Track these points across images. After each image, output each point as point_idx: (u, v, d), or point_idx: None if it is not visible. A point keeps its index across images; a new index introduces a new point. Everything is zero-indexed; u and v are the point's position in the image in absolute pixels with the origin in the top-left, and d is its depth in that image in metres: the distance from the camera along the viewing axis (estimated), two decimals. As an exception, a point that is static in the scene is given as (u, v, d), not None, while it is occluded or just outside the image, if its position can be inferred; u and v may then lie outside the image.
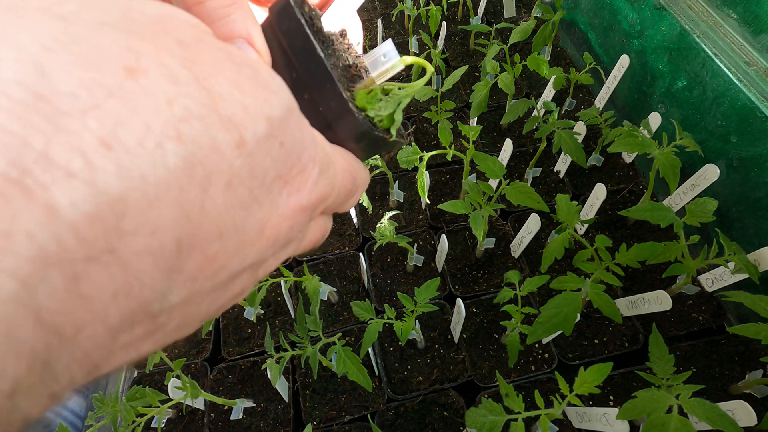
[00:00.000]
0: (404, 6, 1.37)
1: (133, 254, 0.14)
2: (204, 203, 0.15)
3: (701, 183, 0.91)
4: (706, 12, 1.03)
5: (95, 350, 0.14)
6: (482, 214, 0.89)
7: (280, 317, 1.08)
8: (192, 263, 0.16)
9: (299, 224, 0.20)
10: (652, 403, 0.61)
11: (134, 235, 0.14)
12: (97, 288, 0.13)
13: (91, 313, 0.13)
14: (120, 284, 0.14)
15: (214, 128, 0.16)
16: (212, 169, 0.15)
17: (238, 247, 0.17)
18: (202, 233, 0.15)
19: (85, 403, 1.00)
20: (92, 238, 0.13)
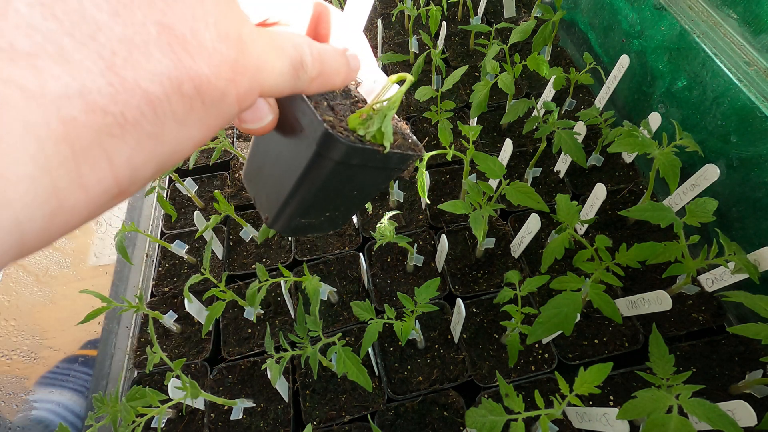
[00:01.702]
0: (404, 6, 1.37)
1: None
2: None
3: (701, 183, 0.91)
4: (706, 12, 1.03)
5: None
6: (482, 214, 0.89)
7: (280, 317, 1.08)
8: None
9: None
10: (652, 403, 0.61)
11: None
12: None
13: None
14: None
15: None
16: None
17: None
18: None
19: (85, 403, 1.00)
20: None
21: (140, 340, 1.09)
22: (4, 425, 0.85)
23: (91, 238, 1.16)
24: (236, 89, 0.20)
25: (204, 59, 0.18)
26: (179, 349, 1.06)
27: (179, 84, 0.18)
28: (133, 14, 0.16)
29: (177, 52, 0.18)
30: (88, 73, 0.15)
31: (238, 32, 0.20)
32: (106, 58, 0.16)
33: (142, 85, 0.17)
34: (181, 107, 0.18)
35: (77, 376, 1.02)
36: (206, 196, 1.32)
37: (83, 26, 0.15)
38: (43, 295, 0.99)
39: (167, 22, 0.17)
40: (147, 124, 0.17)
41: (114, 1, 0.16)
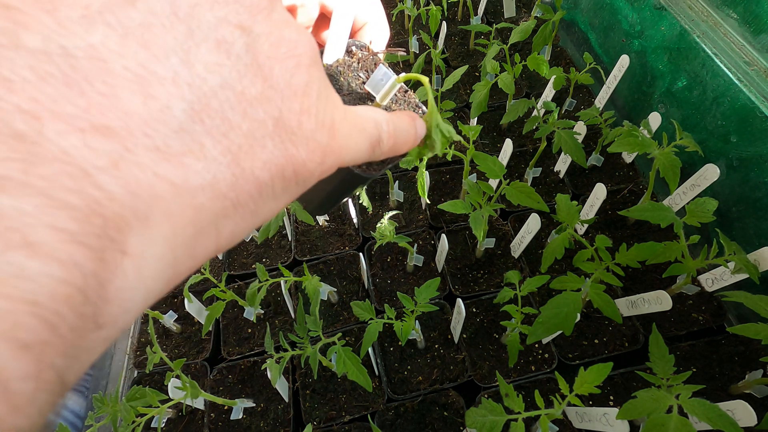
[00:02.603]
0: (404, 6, 1.37)
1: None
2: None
3: (701, 183, 0.91)
4: (706, 12, 1.03)
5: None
6: (482, 214, 0.89)
7: (280, 317, 1.08)
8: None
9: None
10: (652, 403, 0.61)
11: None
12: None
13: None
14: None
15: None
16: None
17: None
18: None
19: (85, 403, 1.00)
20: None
21: (140, 340, 1.09)
22: (4, 425, 0.85)
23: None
24: (322, 168, 0.23)
25: (303, 147, 0.21)
26: (179, 349, 1.06)
27: (283, 170, 0.21)
28: (256, 112, 0.19)
29: (285, 143, 0.20)
30: (218, 166, 0.18)
31: (332, 119, 0.23)
32: (233, 152, 0.18)
33: (255, 174, 0.19)
34: (280, 188, 0.21)
35: (77, 376, 1.02)
36: (206, 196, 1.32)
37: (221, 126, 0.18)
38: (43, 295, 0.99)
39: (281, 117, 0.20)
40: (252, 204, 0.20)
41: (245, 102, 0.19)
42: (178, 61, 0.17)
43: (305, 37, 0.22)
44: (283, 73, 0.20)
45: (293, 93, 0.21)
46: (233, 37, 0.19)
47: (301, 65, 0.21)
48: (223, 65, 0.18)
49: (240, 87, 0.19)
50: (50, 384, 0.13)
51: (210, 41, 0.18)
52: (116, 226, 0.15)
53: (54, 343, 0.13)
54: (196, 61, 0.18)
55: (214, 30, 0.18)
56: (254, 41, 0.20)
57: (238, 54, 0.19)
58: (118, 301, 0.15)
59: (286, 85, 0.20)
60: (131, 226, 0.15)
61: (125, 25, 0.16)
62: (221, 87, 0.18)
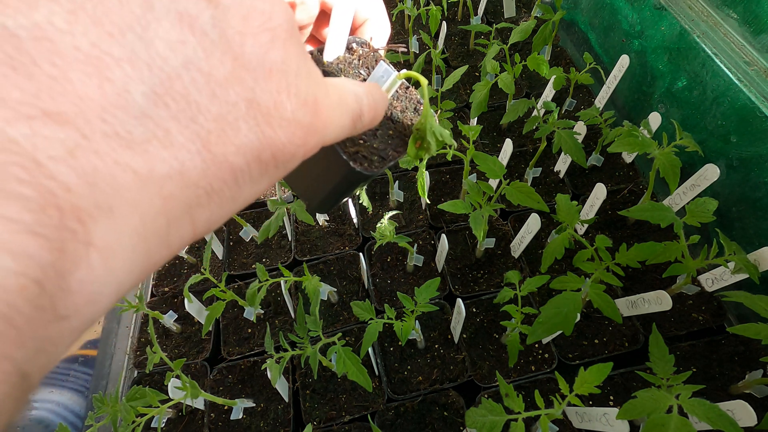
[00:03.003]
0: (404, 6, 1.37)
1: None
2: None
3: (701, 183, 0.91)
4: (706, 12, 1.03)
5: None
6: (482, 214, 0.89)
7: (280, 317, 1.08)
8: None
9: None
10: (652, 403, 0.61)
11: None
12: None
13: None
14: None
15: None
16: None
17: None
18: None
19: (85, 403, 1.00)
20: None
21: (140, 340, 1.09)
22: (4, 425, 0.85)
23: (91, 238, 1.16)
24: (305, 149, 0.22)
25: (283, 129, 0.20)
26: (179, 349, 1.06)
27: (259, 153, 0.19)
28: (227, 94, 0.18)
29: (261, 125, 0.19)
30: (187, 152, 0.17)
31: (315, 96, 0.22)
32: (202, 137, 0.17)
33: (229, 159, 0.18)
34: (257, 172, 0.20)
35: (77, 375, 1.02)
36: (206, 196, 1.32)
37: (187, 110, 0.17)
38: (43, 295, 0.99)
39: (255, 98, 0.19)
40: (228, 190, 0.19)
41: (213, 83, 0.18)
42: (136, 38, 0.16)
43: (280, 7, 0.20)
44: (256, 49, 0.19)
45: (268, 71, 0.19)
46: (198, 9, 0.17)
47: (276, 39, 0.20)
48: (187, 42, 0.17)
49: (207, 66, 0.17)
50: (8, 376, 0.13)
51: (171, 15, 0.17)
52: (76, 217, 0.14)
53: (8, 335, 0.13)
54: (156, 38, 0.16)
55: (176, 2, 0.17)
56: (222, 14, 0.18)
57: (204, 29, 0.18)
58: (83, 292, 0.15)
59: (260, 62, 0.19)
60: (94, 217, 0.15)
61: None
62: (185, 67, 0.17)
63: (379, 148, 0.32)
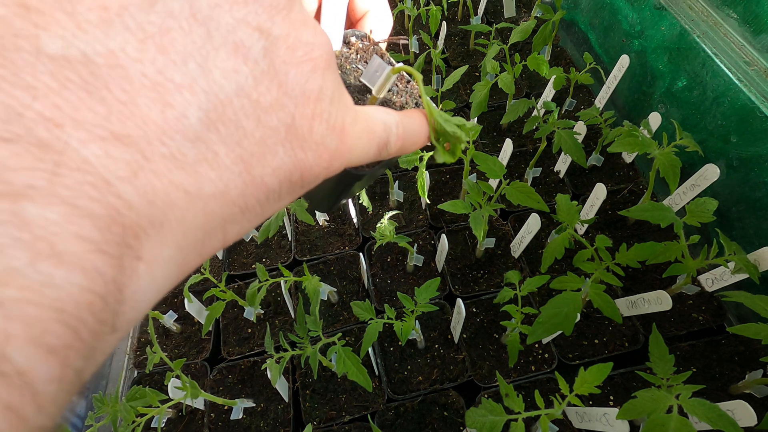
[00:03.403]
0: (404, 6, 1.37)
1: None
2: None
3: (701, 183, 0.91)
4: (706, 12, 1.03)
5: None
6: (482, 214, 0.89)
7: (280, 317, 1.08)
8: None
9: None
10: (652, 403, 0.61)
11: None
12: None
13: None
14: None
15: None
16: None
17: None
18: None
19: (85, 403, 1.00)
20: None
21: (140, 340, 1.09)
22: (4, 425, 0.85)
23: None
24: (328, 171, 0.23)
25: (312, 152, 0.21)
26: (179, 349, 1.06)
27: (290, 175, 0.21)
28: (270, 119, 0.19)
29: (295, 149, 0.20)
30: (230, 174, 0.18)
31: (343, 122, 0.23)
32: (245, 161, 0.19)
33: (264, 180, 0.20)
34: (286, 191, 0.21)
35: (77, 376, 1.02)
36: (206, 196, 1.32)
37: (235, 134, 0.18)
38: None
39: (294, 123, 0.20)
40: (259, 208, 0.20)
41: (260, 109, 0.19)
42: (196, 66, 0.17)
43: (321, 39, 0.22)
44: (299, 78, 0.20)
45: (307, 99, 0.21)
46: (251, 40, 0.19)
47: (316, 69, 0.21)
48: (240, 71, 0.18)
49: (255, 94, 0.19)
50: (70, 384, 0.14)
51: (228, 45, 0.18)
52: (133, 234, 0.15)
53: (76, 347, 0.14)
54: (214, 67, 0.18)
55: (232, 33, 0.18)
56: (272, 45, 0.19)
57: (256, 59, 0.19)
58: (131, 303, 0.16)
59: (301, 90, 0.20)
60: (147, 232, 0.16)
61: (144, 28, 0.16)
62: (237, 94, 0.18)
63: None
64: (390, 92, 0.34)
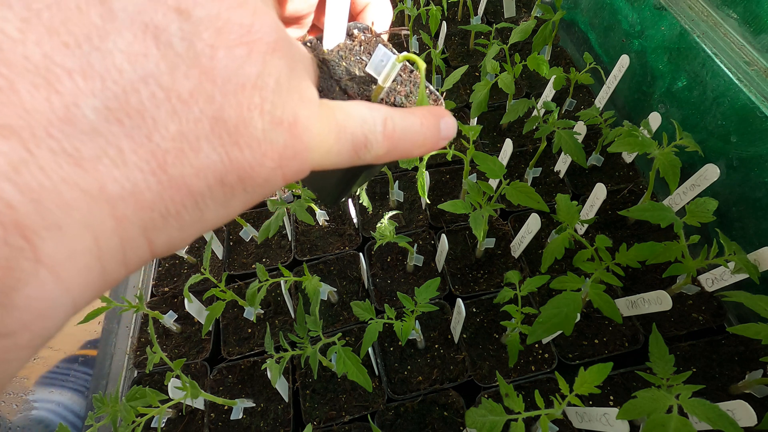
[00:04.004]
0: (404, 6, 1.37)
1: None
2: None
3: (701, 183, 0.91)
4: (706, 12, 1.03)
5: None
6: (482, 214, 0.89)
7: (280, 317, 1.08)
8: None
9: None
10: (652, 403, 0.61)
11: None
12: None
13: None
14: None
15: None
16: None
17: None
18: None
19: (85, 403, 1.00)
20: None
21: (140, 340, 1.09)
22: (4, 425, 0.85)
23: (91, 238, 1.16)
24: (282, 172, 0.20)
25: (251, 149, 0.19)
26: (179, 349, 1.06)
27: (222, 176, 0.18)
28: (190, 110, 0.17)
29: (225, 146, 0.18)
30: (141, 173, 0.16)
31: (294, 115, 0.20)
32: (158, 158, 0.16)
33: (187, 182, 0.17)
34: (222, 195, 0.19)
35: (77, 375, 1.02)
36: (206, 196, 1.32)
37: (142, 127, 0.16)
38: (43, 295, 0.98)
39: (222, 115, 0.18)
40: (187, 214, 0.18)
41: (175, 98, 0.17)
42: (92, 49, 0.15)
43: (264, 20, 0.19)
44: (228, 63, 0.18)
45: (239, 86, 0.18)
46: (166, 21, 0.16)
47: (253, 53, 0.18)
48: (149, 55, 0.16)
49: (169, 81, 0.16)
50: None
51: (135, 26, 0.16)
52: (20, 234, 0.14)
53: None
54: (115, 50, 0.15)
55: (142, 13, 0.16)
56: (193, 26, 0.17)
57: (170, 41, 0.16)
58: (31, 308, 0.14)
59: (231, 76, 0.18)
60: (40, 234, 0.14)
61: (29, 6, 0.14)
62: (144, 81, 0.16)
63: None
64: (394, 82, 0.34)
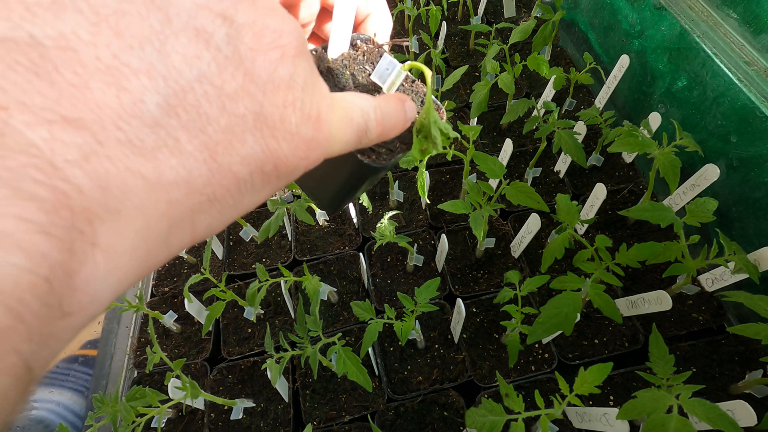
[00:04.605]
0: (404, 6, 1.37)
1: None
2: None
3: (701, 183, 0.91)
4: (706, 12, 1.03)
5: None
6: (482, 214, 0.89)
7: (280, 317, 1.08)
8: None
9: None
10: (652, 403, 0.61)
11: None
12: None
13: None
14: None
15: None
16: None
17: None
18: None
19: (85, 403, 1.00)
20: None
21: (140, 340, 1.09)
22: (4, 425, 0.85)
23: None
24: (306, 162, 0.22)
25: (286, 141, 0.21)
26: (179, 349, 1.06)
27: (262, 165, 0.20)
28: (236, 107, 0.19)
29: (266, 138, 0.20)
30: (195, 161, 0.18)
31: (318, 110, 0.22)
32: (210, 148, 0.18)
33: (233, 169, 0.19)
34: (260, 182, 0.21)
35: (77, 375, 1.02)
36: (206, 196, 1.32)
37: (197, 120, 0.18)
38: (43, 295, 0.98)
39: (262, 111, 0.20)
40: (230, 198, 0.20)
41: (224, 96, 0.18)
42: (154, 51, 0.17)
43: (291, 26, 0.21)
44: (266, 66, 0.20)
45: (276, 86, 0.20)
46: (214, 26, 0.18)
47: (285, 56, 0.20)
48: (202, 57, 0.18)
49: (219, 81, 0.18)
50: (14, 368, 0.14)
51: (189, 30, 0.17)
52: (86, 219, 0.15)
53: (18, 329, 0.13)
54: (173, 52, 0.17)
55: (193, 18, 0.18)
56: (236, 31, 0.19)
57: (218, 45, 0.18)
58: (87, 290, 0.15)
59: (269, 78, 0.20)
60: (102, 218, 0.15)
61: (98, 11, 0.16)
62: (198, 80, 0.18)
63: (387, 141, 0.32)
64: (396, 91, 0.34)
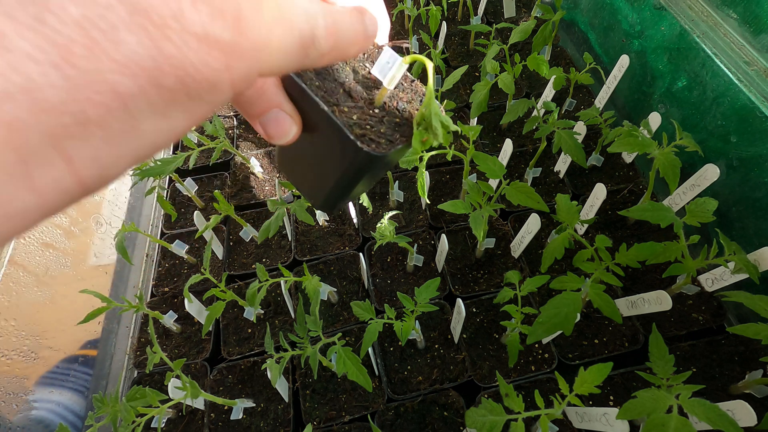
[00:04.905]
0: (404, 6, 1.37)
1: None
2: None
3: (701, 183, 0.91)
4: (706, 12, 1.03)
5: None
6: (482, 214, 0.89)
7: (280, 317, 1.08)
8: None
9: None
10: (652, 403, 0.61)
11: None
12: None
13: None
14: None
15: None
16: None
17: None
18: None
19: (85, 403, 1.00)
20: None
21: (140, 340, 1.09)
22: (4, 425, 0.85)
23: (91, 238, 1.16)
24: (230, 76, 0.17)
25: (189, 46, 0.16)
26: (179, 349, 1.06)
27: (157, 76, 0.15)
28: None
29: (155, 39, 0.15)
30: (35, 64, 0.13)
31: (237, 6, 0.17)
32: (60, 46, 0.13)
33: (108, 79, 0.14)
34: (160, 100, 0.16)
35: (77, 376, 1.02)
36: (206, 196, 1.32)
37: (28, 6, 0.13)
38: (43, 295, 0.99)
39: (143, 1, 0.15)
40: (116, 121, 0.15)
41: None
42: None
43: None
44: None
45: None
46: None
47: None
48: None
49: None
50: None
51: None
52: None
53: None
54: None
55: None
56: None
57: None
58: None
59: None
60: None
61: None
62: None
63: (387, 133, 0.32)
64: (396, 89, 0.34)
